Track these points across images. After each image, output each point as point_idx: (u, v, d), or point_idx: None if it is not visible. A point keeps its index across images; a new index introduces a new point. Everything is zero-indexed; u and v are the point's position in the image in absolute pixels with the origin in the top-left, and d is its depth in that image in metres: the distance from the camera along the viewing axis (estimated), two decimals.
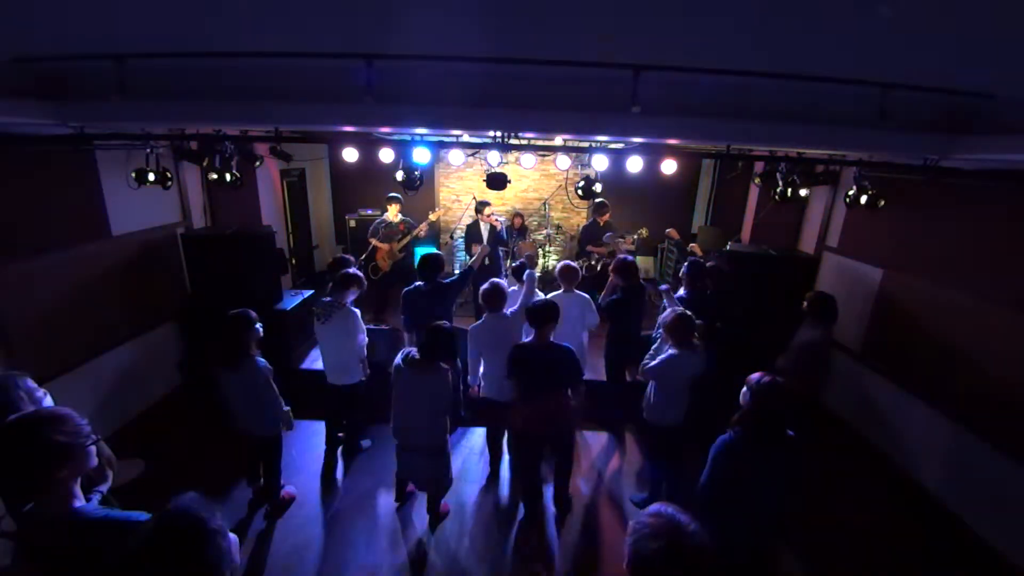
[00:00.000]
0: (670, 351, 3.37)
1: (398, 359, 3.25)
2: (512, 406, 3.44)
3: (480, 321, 3.81)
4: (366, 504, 3.81)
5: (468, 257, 6.66)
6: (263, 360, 3.23)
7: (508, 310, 3.84)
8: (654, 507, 1.46)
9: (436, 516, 3.65)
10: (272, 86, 2.88)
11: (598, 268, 6.22)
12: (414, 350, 3.23)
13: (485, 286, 3.76)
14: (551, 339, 3.36)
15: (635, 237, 6.52)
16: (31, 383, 2.16)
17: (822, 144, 3.37)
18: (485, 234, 6.43)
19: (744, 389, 2.45)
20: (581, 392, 3.42)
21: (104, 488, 2.03)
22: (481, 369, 3.86)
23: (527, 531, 3.61)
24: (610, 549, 3.50)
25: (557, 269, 4.35)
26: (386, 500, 3.81)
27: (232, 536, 1.38)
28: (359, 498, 3.87)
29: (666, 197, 7.87)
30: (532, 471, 3.63)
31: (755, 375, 2.43)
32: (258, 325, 3.22)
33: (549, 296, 4.11)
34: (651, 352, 3.57)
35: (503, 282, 3.87)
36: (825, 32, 2.11)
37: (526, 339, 3.61)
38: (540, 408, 3.29)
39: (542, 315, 3.29)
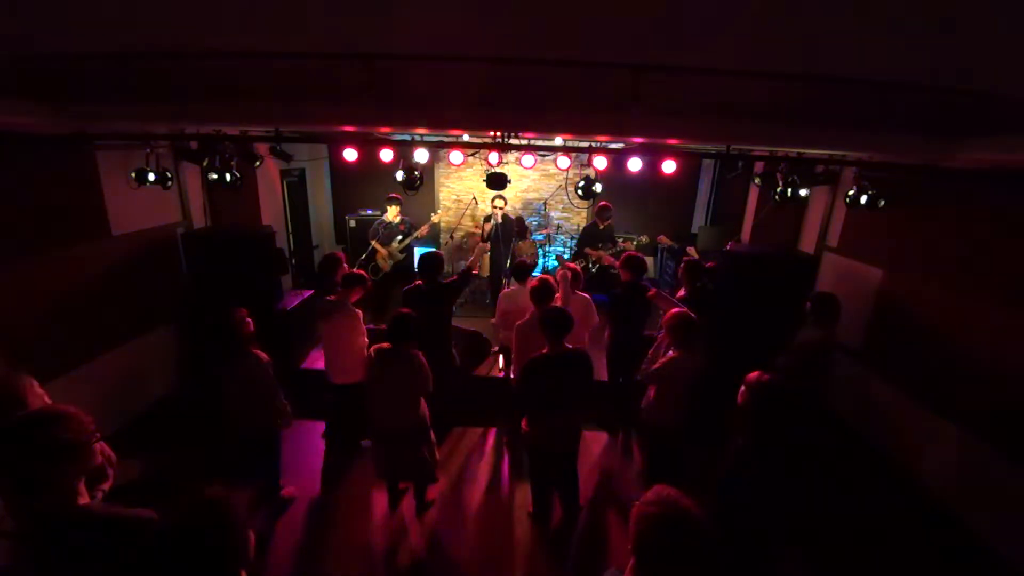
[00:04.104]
0: (670, 353, 3.37)
1: (369, 353, 3.33)
2: (524, 423, 3.41)
3: (529, 318, 3.83)
4: (365, 504, 3.81)
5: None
6: (261, 353, 3.24)
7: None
8: (655, 491, 1.48)
9: (422, 504, 3.73)
10: (272, 86, 2.88)
11: (593, 270, 6.22)
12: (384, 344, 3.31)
13: (534, 284, 3.80)
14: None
15: (635, 243, 6.51)
16: (36, 386, 2.16)
17: (822, 144, 3.37)
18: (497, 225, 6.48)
19: (742, 389, 2.43)
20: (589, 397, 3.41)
21: (105, 487, 2.03)
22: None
23: (532, 530, 3.61)
24: (610, 547, 3.50)
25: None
26: (385, 499, 3.81)
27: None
28: (359, 498, 3.87)
29: (666, 197, 7.87)
30: (546, 483, 3.62)
31: (754, 375, 2.41)
32: (248, 320, 3.23)
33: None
34: (650, 354, 3.56)
35: (551, 279, 3.86)
36: (825, 32, 2.11)
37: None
38: (556, 423, 3.28)
39: (563, 325, 3.17)
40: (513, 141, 4.30)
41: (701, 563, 1.37)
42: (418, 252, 6.68)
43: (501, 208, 6.49)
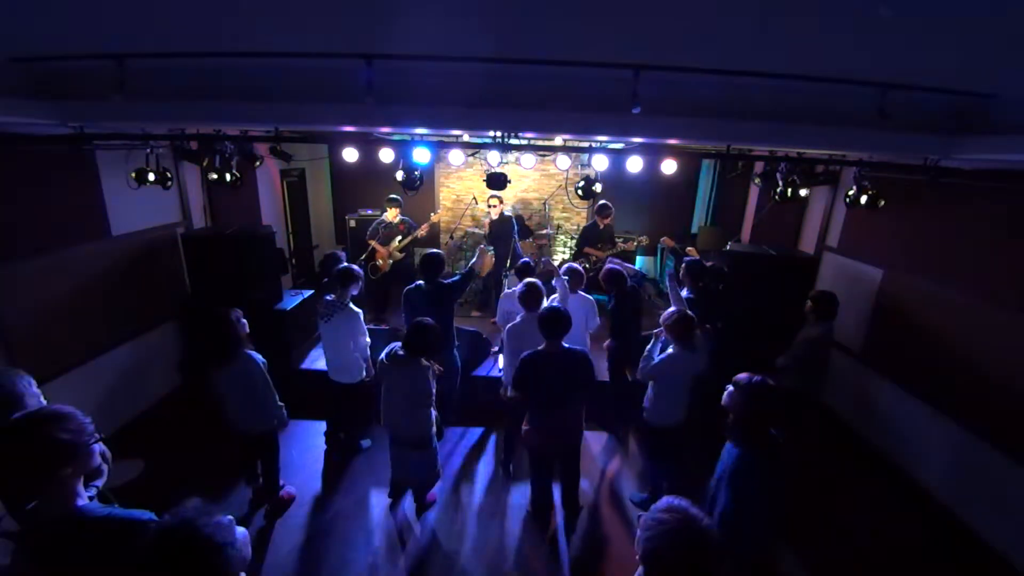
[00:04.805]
0: (670, 350, 3.37)
1: (382, 354, 3.30)
2: (525, 421, 3.38)
3: (518, 321, 3.84)
4: (365, 504, 3.81)
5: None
6: (256, 353, 3.24)
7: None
8: (665, 501, 1.48)
9: (422, 505, 3.73)
10: (272, 86, 2.88)
11: (592, 272, 6.23)
12: (398, 345, 3.28)
13: (520, 287, 3.81)
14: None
15: (636, 243, 6.56)
16: (34, 385, 2.15)
17: (822, 144, 3.37)
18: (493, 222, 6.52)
19: (730, 389, 2.42)
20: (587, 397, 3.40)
21: (99, 483, 2.02)
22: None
23: (532, 530, 3.61)
24: (610, 547, 3.50)
25: (562, 272, 4.34)
26: (385, 500, 3.81)
27: (241, 531, 1.38)
28: (359, 498, 3.87)
29: (666, 197, 7.87)
30: (546, 482, 3.60)
31: (743, 375, 2.40)
32: (243, 320, 3.22)
33: (552, 298, 4.11)
34: (647, 352, 3.57)
35: (539, 281, 3.89)
36: (826, 32, 2.11)
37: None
38: (555, 421, 3.26)
39: (560, 325, 3.15)
40: (513, 141, 4.29)
41: (709, 574, 1.38)
42: (418, 252, 6.70)
43: (496, 207, 6.50)
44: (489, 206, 6.51)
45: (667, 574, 1.41)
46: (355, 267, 3.97)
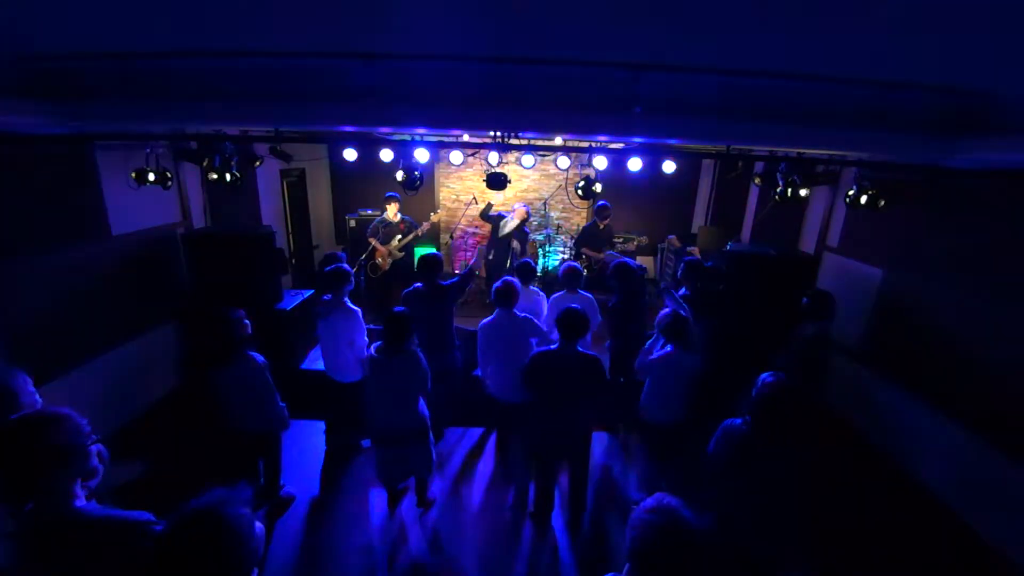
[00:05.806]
0: (666, 349, 3.37)
1: (370, 350, 3.30)
2: (530, 422, 3.37)
3: (491, 318, 3.82)
4: (366, 504, 3.81)
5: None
6: (258, 354, 3.24)
7: (520, 312, 3.84)
8: (654, 498, 1.47)
9: (424, 502, 3.73)
10: (272, 86, 2.88)
11: (590, 271, 6.23)
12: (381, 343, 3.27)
13: (498, 284, 3.80)
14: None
15: (636, 243, 6.59)
16: (30, 384, 2.14)
17: (823, 144, 3.37)
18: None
19: (755, 391, 2.44)
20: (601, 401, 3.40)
21: (92, 483, 2.01)
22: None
23: (532, 531, 3.61)
24: (610, 547, 3.50)
25: (561, 270, 4.34)
26: (385, 500, 3.81)
27: (258, 525, 1.36)
28: (359, 498, 3.87)
29: (666, 197, 7.87)
30: (548, 482, 3.57)
31: (764, 375, 2.42)
32: (246, 321, 3.22)
33: (553, 297, 4.10)
34: (646, 347, 3.57)
35: (516, 280, 3.88)
36: (825, 32, 2.11)
37: (543, 345, 3.47)
38: (562, 424, 3.25)
39: (578, 327, 3.11)
40: (513, 141, 4.29)
41: (696, 574, 1.37)
42: (417, 251, 6.70)
43: (513, 212, 6.52)
44: (512, 209, 6.52)
45: (651, 573, 1.41)
46: (345, 266, 3.97)
